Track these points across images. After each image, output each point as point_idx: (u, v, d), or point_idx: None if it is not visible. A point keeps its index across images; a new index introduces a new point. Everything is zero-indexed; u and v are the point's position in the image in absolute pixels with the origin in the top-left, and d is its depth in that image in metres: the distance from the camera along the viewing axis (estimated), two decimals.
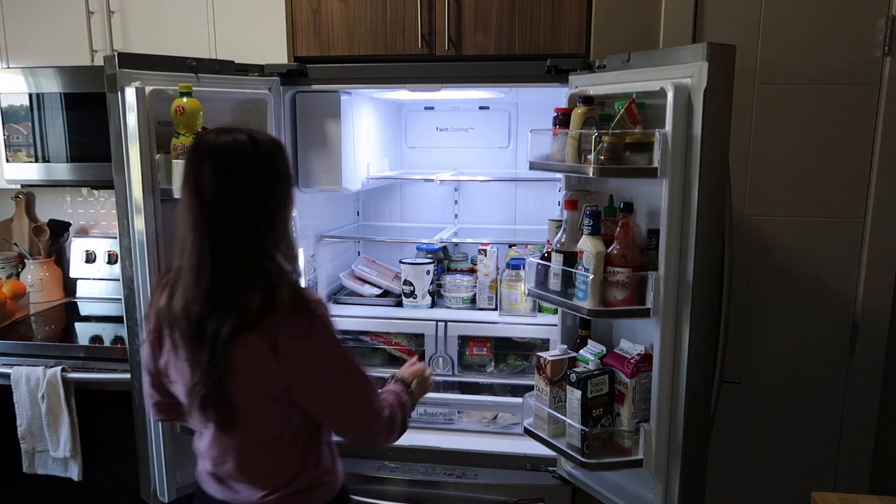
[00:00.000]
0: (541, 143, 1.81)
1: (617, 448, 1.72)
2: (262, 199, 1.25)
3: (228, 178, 1.23)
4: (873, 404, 2.18)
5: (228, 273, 1.23)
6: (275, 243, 1.27)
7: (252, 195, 1.24)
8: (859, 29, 2.03)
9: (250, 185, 1.24)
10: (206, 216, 1.22)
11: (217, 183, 1.22)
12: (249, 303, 1.22)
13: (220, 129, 1.28)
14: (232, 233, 1.23)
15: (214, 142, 1.25)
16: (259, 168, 1.25)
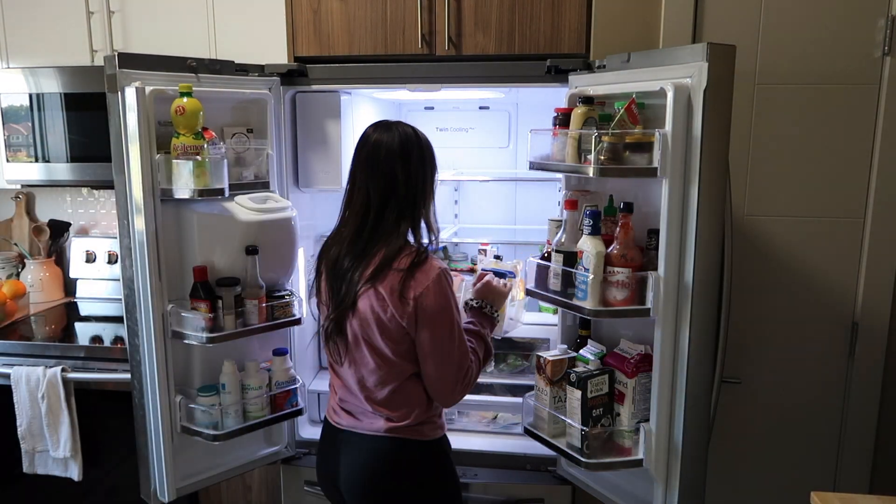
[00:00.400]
0: (541, 143, 1.81)
1: (617, 448, 1.72)
2: (421, 180, 1.55)
3: (401, 161, 1.52)
4: (873, 404, 2.17)
5: (381, 238, 1.53)
6: (426, 216, 1.57)
7: (416, 175, 1.54)
8: (859, 29, 2.03)
9: (417, 168, 1.54)
10: (379, 193, 1.52)
11: (392, 165, 1.52)
12: (383, 258, 1.50)
13: (384, 123, 1.58)
14: (394, 206, 1.52)
15: (389, 132, 1.54)
16: (422, 155, 1.56)
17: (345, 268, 1.54)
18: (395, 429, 1.57)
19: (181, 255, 1.85)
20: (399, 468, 1.58)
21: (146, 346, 1.78)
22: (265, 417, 1.93)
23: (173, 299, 1.81)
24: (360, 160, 1.56)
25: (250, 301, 1.83)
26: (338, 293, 1.56)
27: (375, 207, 1.53)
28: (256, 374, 1.91)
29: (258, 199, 1.88)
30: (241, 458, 2.04)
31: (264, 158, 1.97)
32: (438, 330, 1.51)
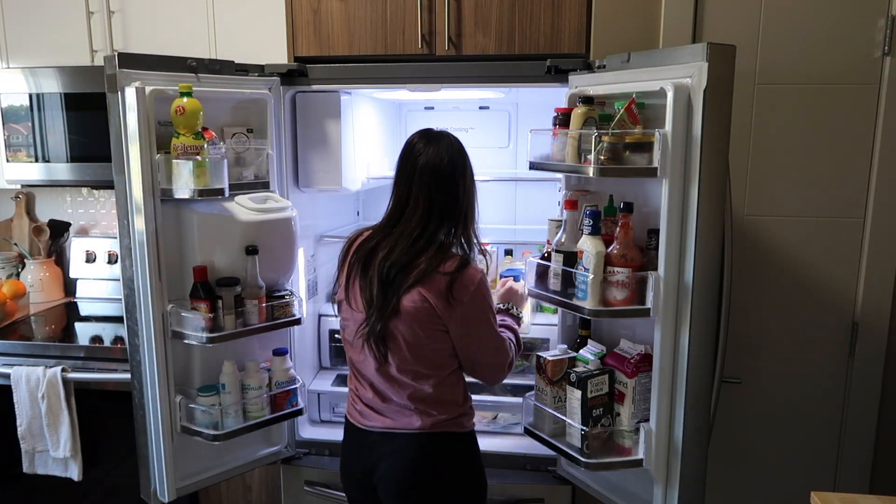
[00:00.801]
0: (541, 143, 1.81)
1: (617, 448, 1.72)
2: (473, 197, 1.63)
3: (463, 177, 1.60)
4: (873, 404, 2.18)
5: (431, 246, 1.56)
6: (465, 228, 1.62)
7: (470, 192, 1.62)
8: (859, 29, 2.03)
9: (470, 185, 1.62)
10: (441, 208, 1.57)
11: (457, 181, 1.58)
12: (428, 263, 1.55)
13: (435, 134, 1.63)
14: (449, 221, 1.58)
15: (443, 143, 1.60)
16: (471, 172, 1.64)
17: (393, 275, 1.55)
18: (437, 423, 1.61)
19: (181, 255, 1.85)
20: (443, 461, 1.64)
21: (146, 346, 1.78)
22: (265, 417, 1.93)
23: (173, 299, 1.81)
24: (423, 170, 1.57)
25: (250, 301, 1.83)
26: (383, 296, 1.56)
27: (435, 221, 1.57)
28: (256, 374, 1.91)
29: (258, 199, 1.88)
30: (241, 458, 2.04)
31: (264, 158, 1.97)
32: (486, 326, 1.60)
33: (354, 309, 1.64)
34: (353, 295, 1.64)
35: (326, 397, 2.27)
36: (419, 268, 1.54)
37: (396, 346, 1.58)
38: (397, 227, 1.60)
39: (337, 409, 2.30)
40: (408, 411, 1.62)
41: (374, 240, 1.62)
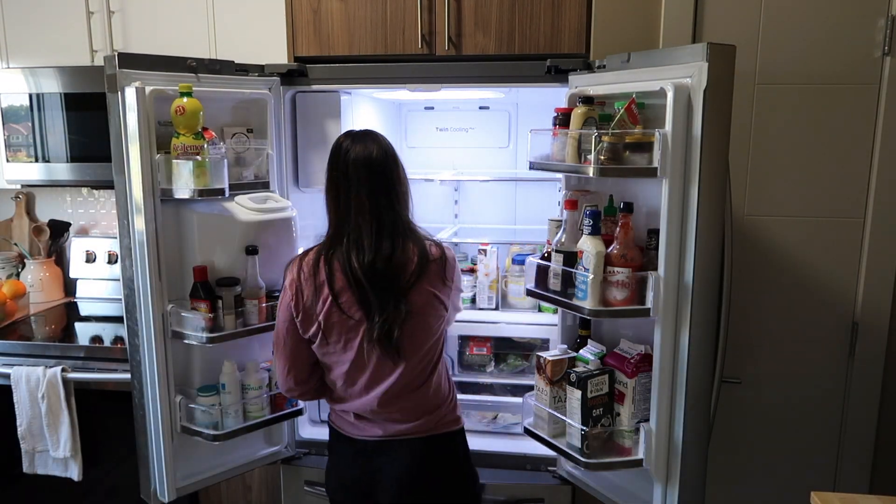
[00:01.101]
0: (541, 143, 1.81)
1: (617, 448, 1.72)
2: (405, 178, 1.64)
3: (393, 162, 1.61)
4: (873, 404, 2.18)
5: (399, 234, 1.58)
6: (408, 214, 1.63)
7: (404, 175, 1.63)
8: (859, 29, 2.03)
9: (402, 168, 1.64)
10: (384, 195, 1.57)
11: (388, 166, 1.59)
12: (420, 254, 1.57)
13: (358, 133, 1.64)
14: (398, 203, 1.59)
15: (369, 139, 1.62)
16: (397, 157, 1.64)
17: (382, 270, 1.54)
18: (440, 422, 1.65)
19: (181, 255, 1.85)
20: (447, 460, 1.68)
21: (146, 346, 1.78)
22: (265, 417, 1.93)
23: (173, 299, 1.81)
24: (355, 164, 1.58)
25: (250, 301, 1.83)
26: (386, 297, 1.54)
27: (387, 211, 1.57)
28: (256, 374, 1.91)
29: (258, 199, 1.88)
30: (241, 458, 2.04)
31: (264, 158, 1.97)
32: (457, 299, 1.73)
33: (340, 335, 1.59)
34: (335, 321, 1.58)
35: None
36: (412, 260, 1.56)
37: (409, 347, 1.58)
38: (352, 233, 1.57)
39: None
40: (411, 415, 1.63)
41: (333, 254, 1.59)
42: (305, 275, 1.59)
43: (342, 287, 1.56)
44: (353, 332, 1.58)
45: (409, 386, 1.62)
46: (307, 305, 1.59)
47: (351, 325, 1.58)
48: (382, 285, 1.55)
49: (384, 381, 1.61)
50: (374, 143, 1.60)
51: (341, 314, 1.57)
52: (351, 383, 1.64)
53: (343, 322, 1.58)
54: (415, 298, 1.56)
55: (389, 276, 1.55)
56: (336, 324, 1.58)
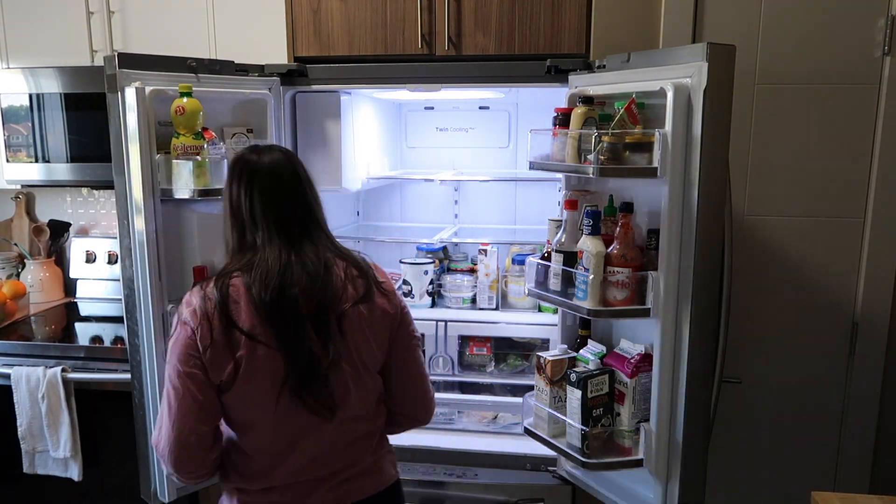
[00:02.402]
0: (541, 143, 1.81)
1: (617, 448, 1.72)
2: (314, 191, 1.45)
3: (301, 172, 1.43)
4: (873, 404, 2.17)
5: (326, 246, 1.38)
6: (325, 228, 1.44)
7: (313, 187, 1.45)
8: (859, 29, 2.03)
9: (309, 179, 1.44)
10: (298, 206, 1.39)
11: (295, 177, 1.41)
12: (342, 272, 1.35)
13: (259, 147, 1.44)
14: (312, 212, 1.41)
15: (272, 152, 1.42)
16: (304, 168, 1.46)
17: (316, 301, 1.28)
18: (394, 464, 1.51)
19: (181, 255, 1.85)
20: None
21: (146, 346, 1.78)
22: None
23: (173, 299, 1.81)
24: (256, 182, 1.35)
25: None
26: (319, 329, 1.28)
27: (300, 220, 1.37)
28: None
29: None
30: None
31: None
32: (413, 335, 1.46)
33: (260, 377, 1.26)
34: (252, 360, 1.25)
35: None
36: (337, 276, 1.32)
37: (353, 382, 1.33)
38: (259, 254, 1.30)
39: None
40: (369, 463, 1.41)
41: (239, 282, 1.28)
42: (212, 304, 1.25)
43: (256, 321, 1.26)
44: (278, 376, 1.27)
45: (361, 432, 1.39)
46: (217, 339, 1.24)
47: (262, 378, 1.26)
48: (317, 317, 1.28)
49: (312, 437, 1.32)
50: (280, 153, 1.42)
51: (268, 349, 1.26)
52: (275, 448, 1.32)
53: (247, 380, 1.26)
54: (346, 326, 1.31)
55: (320, 303, 1.29)
56: (234, 380, 1.26)
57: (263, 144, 1.45)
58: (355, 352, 1.33)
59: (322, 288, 1.30)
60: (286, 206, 1.36)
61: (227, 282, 1.28)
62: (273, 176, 1.37)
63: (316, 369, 1.26)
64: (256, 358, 1.25)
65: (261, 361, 1.25)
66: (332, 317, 1.30)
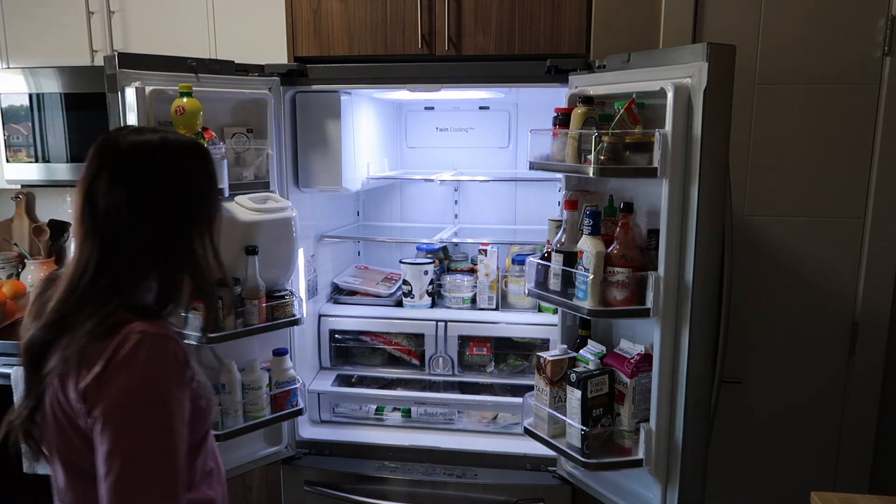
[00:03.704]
0: (541, 143, 1.81)
1: (617, 448, 1.72)
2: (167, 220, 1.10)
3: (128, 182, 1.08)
4: (873, 404, 2.18)
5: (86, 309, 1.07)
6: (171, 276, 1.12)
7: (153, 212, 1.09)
8: (859, 29, 2.03)
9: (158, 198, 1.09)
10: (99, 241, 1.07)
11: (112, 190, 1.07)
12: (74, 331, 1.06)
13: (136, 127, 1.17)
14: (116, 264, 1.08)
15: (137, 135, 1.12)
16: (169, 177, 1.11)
17: (34, 349, 1.10)
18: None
19: None
20: None
21: None
22: (265, 417, 1.93)
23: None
24: (83, 180, 1.09)
25: (250, 301, 1.83)
26: (29, 377, 1.12)
27: (95, 264, 1.07)
28: (256, 374, 1.91)
29: (258, 199, 1.88)
30: (241, 458, 2.04)
31: (264, 158, 1.97)
32: (120, 421, 1.02)
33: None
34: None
35: (327, 397, 2.27)
36: (66, 333, 1.06)
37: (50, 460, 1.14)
38: (59, 279, 1.11)
39: (337, 409, 2.30)
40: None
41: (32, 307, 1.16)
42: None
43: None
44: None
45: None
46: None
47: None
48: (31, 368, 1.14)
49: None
50: (129, 145, 1.11)
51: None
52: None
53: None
54: (48, 401, 1.11)
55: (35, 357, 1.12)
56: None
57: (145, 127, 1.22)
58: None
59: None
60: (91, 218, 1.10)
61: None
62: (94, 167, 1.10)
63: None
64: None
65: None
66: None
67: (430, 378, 2.27)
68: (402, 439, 2.16)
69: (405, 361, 2.31)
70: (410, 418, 2.25)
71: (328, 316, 2.32)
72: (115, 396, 1.01)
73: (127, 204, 1.06)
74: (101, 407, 1.01)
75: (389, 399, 2.25)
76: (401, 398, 2.24)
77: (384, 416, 2.27)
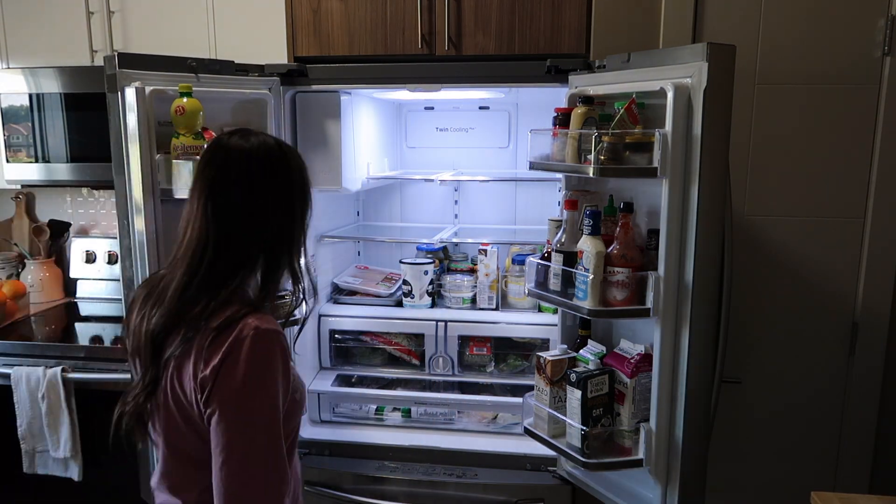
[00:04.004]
0: (541, 143, 1.81)
1: (617, 448, 1.72)
2: (287, 212, 1.21)
3: (254, 182, 1.17)
4: (873, 404, 2.18)
5: (209, 291, 1.15)
6: (289, 263, 1.24)
7: (277, 206, 1.20)
8: (859, 29, 2.03)
9: (280, 195, 1.20)
10: (219, 225, 1.16)
11: (240, 186, 1.17)
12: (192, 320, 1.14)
13: (244, 131, 1.23)
14: (238, 245, 1.17)
15: (246, 141, 1.20)
16: (290, 178, 1.22)
17: (154, 335, 1.16)
18: None
19: None
20: None
21: None
22: None
23: None
24: (199, 173, 1.18)
25: None
26: (146, 366, 1.19)
27: (214, 245, 1.14)
28: None
29: None
30: None
31: None
32: (235, 414, 1.09)
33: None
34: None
35: (327, 397, 2.27)
36: (185, 324, 1.13)
37: (162, 446, 1.24)
38: (173, 263, 1.19)
39: (337, 409, 2.30)
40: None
41: (144, 285, 1.26)
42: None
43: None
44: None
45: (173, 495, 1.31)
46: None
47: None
48: (150, 355, 1.21)
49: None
50: (253, 148, 1.20)
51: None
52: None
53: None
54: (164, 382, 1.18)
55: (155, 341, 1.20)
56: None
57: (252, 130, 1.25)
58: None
59: None
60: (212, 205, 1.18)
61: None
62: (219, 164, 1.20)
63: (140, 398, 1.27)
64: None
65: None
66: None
67: (430, 378, 2.27)
68: (402, 439, 2.16)
69: (405, 361, 2.31)
70: (410, 418, 2.25)
71: (328, 316, 2.32)
72: (231, 390, 1.08)
73: (242, 201, 1.16)
74: (217, 399, 1.09)
75: (389, 399, 2.25)
76: (401, 398, 2.24)
77: (384, 416, 2.27)
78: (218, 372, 1.08)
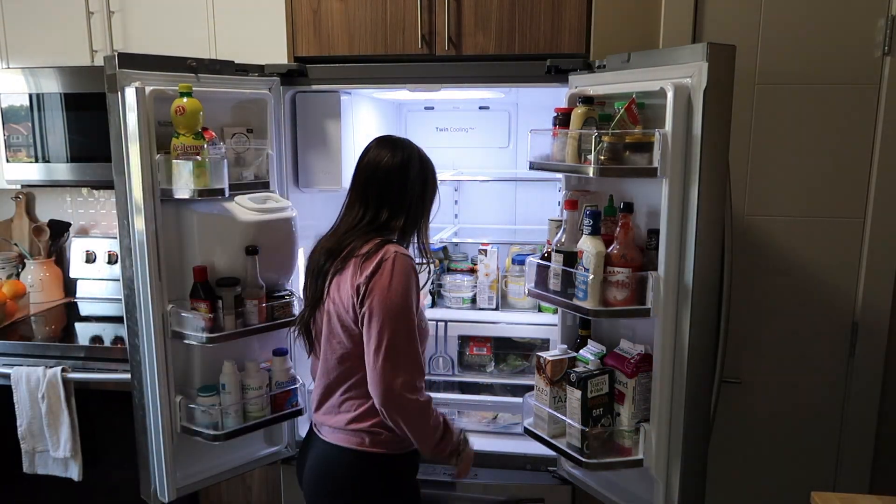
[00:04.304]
0: (541, 143, 1.81)
1: (617, 448, 1.72)
2: (419, 194, 1.66)
3: (400, 172, 1.64)
4: (873, 404, 2.17)
5: (363, 230, 1.63)
6: (420, 236, 1.70)
7: (413, 188, 1.66)
8: (859, 29, 2.03)
9: (416, 181, 1.66)
10: (374, 198, 1.65)
11: (389, 175, 1.64)
12: (351, 247, 1.60)
13: (390, 139, 1.71)
14: (388, 210, 1.64)
15: (392, 147, 1.67)
16: (424, 172, 1.69)
17: (320, 263, 1.63)
18: (356, 431, 1.61)
19: (181, 255, 1.85)
20: (355, 482, 1.62)
21: (146, 346, 1.78)
22: (265, 417, 1.93)
23: (173, 299, 1.81)
24: (365, 168, 1.66)
25: (250, 301, 1.83)
26: (312, 287, 1.65)
27: (372, 210, 1.62)
28: (256, 374, 1.91)
29: (258, 200, 1.88)
30: (241, 458, 2.04)
31: (264, 158, 1.97)
32: (383, 307, 1.52)
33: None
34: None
35: None
36: (344, 251, 1.59)
37: (322, 339, 1.65)
38: (338, 223, 1.69)
39: None
40: (334, 412, 1.65)
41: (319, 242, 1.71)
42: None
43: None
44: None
45: (328, 382, 1.67)
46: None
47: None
48: (317, 276, 1.68)
49: (313, 367, 1.77)
50: (400, 152, 1.66)
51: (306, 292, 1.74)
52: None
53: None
54: (328, 294, 1.62)
55: (323, 268, 1.66)
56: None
57: (394, 137, 1.74)
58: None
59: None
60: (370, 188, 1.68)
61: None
62: (370, 163, 1.71)
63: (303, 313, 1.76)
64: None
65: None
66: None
67: (430, 378, 2.27)
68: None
69: None
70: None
71: None
72: (381, 289, 1.51)
73: (398, 181, 1.63)
74: (371, 299, 1.51)
75: None
76: None
77: None
78: (370, 278, 1.51)
